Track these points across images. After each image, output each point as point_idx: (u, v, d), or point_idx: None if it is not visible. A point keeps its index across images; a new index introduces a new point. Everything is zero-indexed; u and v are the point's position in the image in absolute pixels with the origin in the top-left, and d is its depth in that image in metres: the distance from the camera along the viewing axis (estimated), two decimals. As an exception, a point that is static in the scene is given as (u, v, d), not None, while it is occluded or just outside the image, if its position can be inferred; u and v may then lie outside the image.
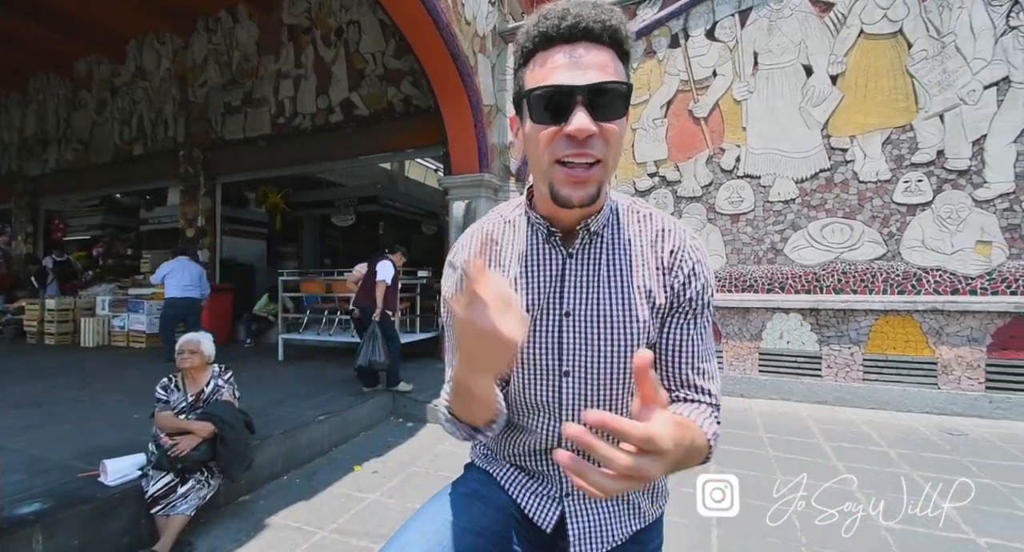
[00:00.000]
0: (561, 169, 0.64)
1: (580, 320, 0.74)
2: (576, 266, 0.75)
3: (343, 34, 6.62)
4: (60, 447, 2.69)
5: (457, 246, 0.85)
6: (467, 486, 0.83)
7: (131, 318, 7.17)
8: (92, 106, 9.13)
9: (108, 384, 4.42)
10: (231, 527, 2.33)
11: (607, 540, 0.77)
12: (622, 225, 0.78)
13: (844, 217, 4.38)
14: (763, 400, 4.47)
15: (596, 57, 0.63)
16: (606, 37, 0.63)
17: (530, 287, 0.76)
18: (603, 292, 0.74)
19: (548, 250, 0.76)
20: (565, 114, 0.62)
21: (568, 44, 0.63)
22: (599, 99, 0.62)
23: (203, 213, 7.74)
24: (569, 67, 0.62)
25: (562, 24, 0.62)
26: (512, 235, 0.80)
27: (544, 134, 0.64)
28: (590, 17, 0.62)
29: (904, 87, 4.23)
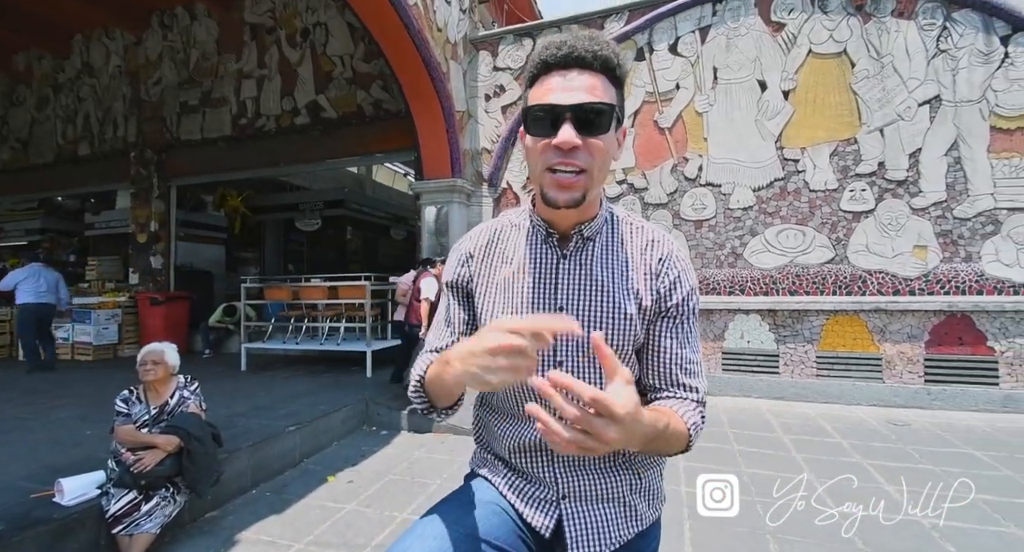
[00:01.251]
0: (550, 175, 0.73)
1: (573, 315, 0.79)
2: (570, 266, 0.82)
3: (309, 35, 6.49)
4: (7, 468, 2.50)
5: (466, 237, 0.93)
6: (467, 493, 0.85)
7: (76, 329, 6.71)
8: (32, 103, 8.54)
9: (55, 400, 4.13)
10: (199, 545, 2.23)
11: (604, 543, 0.79)
12: (615, 233, 0.85)
13: (797, 223, 4.66)
14: (727, 397, 4.67)
15: (586, 81, 0.72)
16: (597, 64, 0.72)
17: (525, 282, 0.82)
18: (594, 290, 0.80)
19: (546, 250, 0.83)
20: (556, 128, 0.70)
21: (563, 69, 0.72)
22: (585, 117, 0.70)
23: (156, 217, 7.37)
24: (561, 89, 0.71)
25: (558, 53, 0.72)
26: (516, 236, 0.87)
27: (539, 145, 0.73)
28: (583, 47, 0.71)
29: (849, 103, 4.56)
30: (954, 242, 4.23)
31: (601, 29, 5.30)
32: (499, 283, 0.85)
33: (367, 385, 4.56)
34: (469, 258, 0.89)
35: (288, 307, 6.01)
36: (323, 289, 5.54)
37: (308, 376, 5.08)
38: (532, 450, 0.83)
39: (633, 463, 0.84)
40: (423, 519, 0.79)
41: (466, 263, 0.89)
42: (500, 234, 0.89)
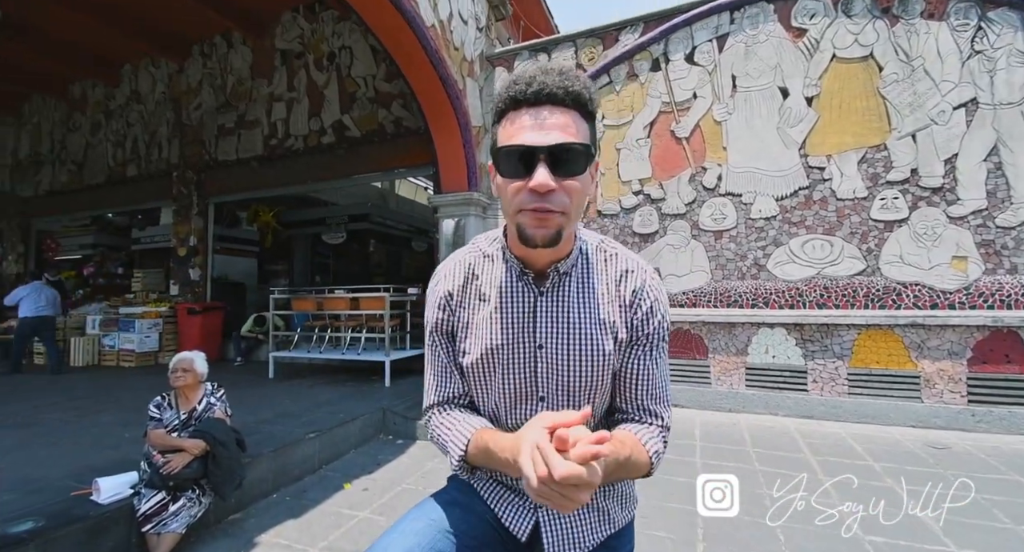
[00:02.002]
0: (527, 213, 0.71)
1: (552, 352, 0.81)
2: (547, 303, 0.82)
3: (335, 59, 6.80)
4: (52, 467, 2.68)
5: (439, 276, 0.90)
6: (448, 495, 0.90)
7: (121, 337, 7.13)
8: (86, 128, 9.22)
9: (99, 404, 4.40)
10: (222, 546, 2.33)
11: (579, 546, 0.83)
12: (590, 265, 0.85)
13: (824, 233, 4.52)
14: (750, 414, 4.53)
15: (559, 119, 0.70)
16: (568, 101, 0.71)
17: (505, 321, 0.83)
18: (572, 327, 0.81)
19: (521, 287, 0.83)
20: (529, 170, 0.69)
21: (534, 107, 0.71)
22: (560, 157, 0.69)
23: (195, 232, 7.79)
24: (534, 128, 0.70)
25: (528, 90, 0.70)
26: (490, 269, 0.86)
27: (512, 187, 0.71)
28: (554, 83, 0.70)
29: (877, 108, 4.43)
30: (997, 253, 4.00)
31: (616, 41, 5.35)
32: (478, 322, 0.85)
33: (385, 395, 4.65)
34: (448, 299, 0.88)
35: (313, 317, 6.22)
36: (345, 300, 5.72)
37: (330, 385, 5.22)
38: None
39: None
40: (404, 518, 0.83)
41: (446, 306, 0.88)
42: (475, 268, 0.88)
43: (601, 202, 5.36)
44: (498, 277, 0.85)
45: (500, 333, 0.82)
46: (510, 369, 0.82)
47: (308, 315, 6.29)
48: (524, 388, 0.82)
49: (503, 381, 0.82)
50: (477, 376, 0.85)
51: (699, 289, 4.91)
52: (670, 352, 4.92)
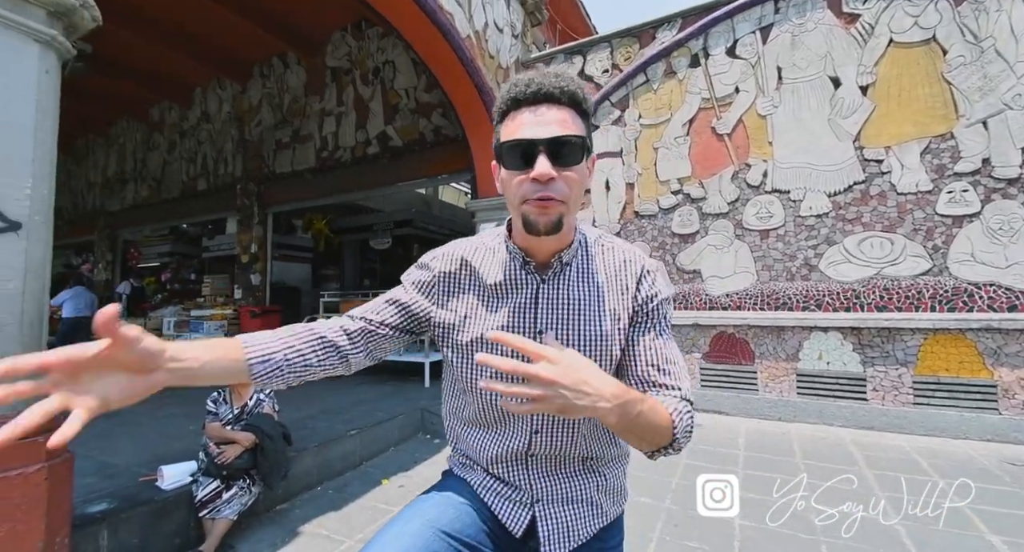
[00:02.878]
0: (530, 203, 0.76)
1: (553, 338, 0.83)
2: (549, 290, 0.85)
3: (380, 73, 7.12)
4: (126, 454, 3.00)
5: (438, 253, 0.93)
6: (443, 492, 0.92)
7: (192, 337, 7.77)
8: (164, 147, 10.18)
9: (169, 399, 4.81)
10: (269, 533, 2.51)
11: (573, 539, 0.85)
12: (590, 256, 0.89)
13: (883, 230, 4.21)
14: (803, 424, 4.28)
15: (556, 115, 0.76)
16: (565, 99, 0.77)
17: (505, 307, 0.86)
18: (573, 313, 0.84)
19: (524, 276, 0.86)
20: (531, 162, 0.75)
21: (533, 105, 0.76)
22: (558, 149, 0.75)
23: (256, 240, 8.38)
24: (534, 123, 0.75)
25: (527, 90, 0.76)
26: (491, 259, 0.90)
27: (516, 179, 0.77)
28: (550, 84, 0.76)
29: (941, 94, 4.08)
30: (1088, 248, 3.58)
31: (652, 39, 5.25)
32: (476, 308, 0.87)
33: (424, 395, 4.80)
34: (443, 277, 0.89)
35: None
36: (390, 304, 5.93)
37: (372, 384, 5.45)
38: (509, 460, 0.88)
39: (600, 465, 0.90)
40: (400, 516, 0.86)
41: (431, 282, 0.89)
42: (475, 256, 0.90)
43: (638, 203, 5.27)
44: (500, 266, 0.88)
45: (500, 319, 0.85)
46: (508, 355, 0.82)
47: (355, 318, 6.57)
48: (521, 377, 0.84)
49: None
50: (468, 360, 0.87)
51: (744, 291, 4.70)
52: (712, 356, 4.78)
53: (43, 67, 1.72)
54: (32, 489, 1.60)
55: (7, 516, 1.53)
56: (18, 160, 1.64)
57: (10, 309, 1.60)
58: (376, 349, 0.88)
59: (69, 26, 1.80)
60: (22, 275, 1.63)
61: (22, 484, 1.57)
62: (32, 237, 1.67)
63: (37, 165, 1.69)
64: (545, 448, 0.86)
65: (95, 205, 11.63)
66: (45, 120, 1.73)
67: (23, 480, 1.58)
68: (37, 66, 1.70)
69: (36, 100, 1.69)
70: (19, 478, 1.57)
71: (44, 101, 1.72)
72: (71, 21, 1.79)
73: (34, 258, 1.68)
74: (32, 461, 1.60)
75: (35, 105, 1.69)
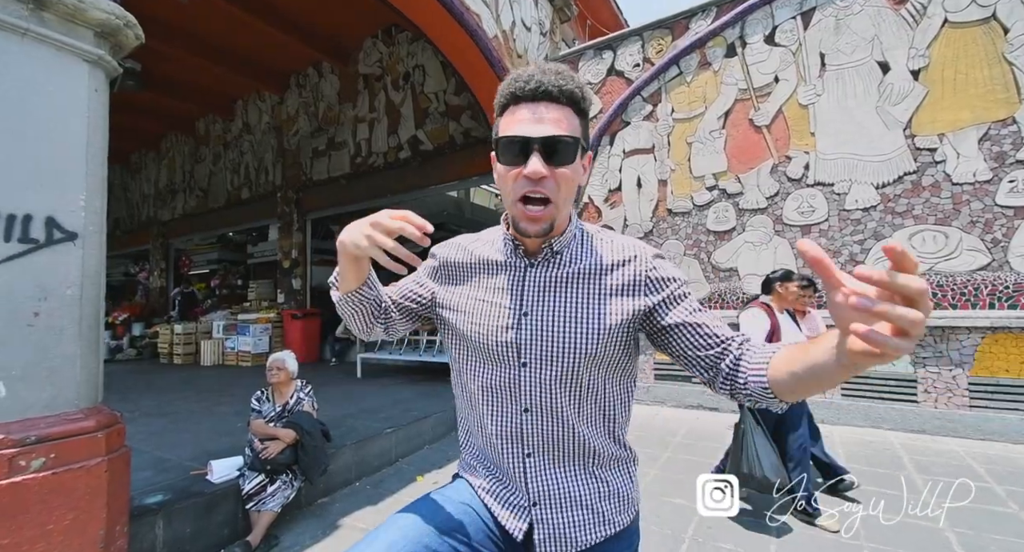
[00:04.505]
0: (521, 206, 0.79)
1: (536, 320, 0.84)
2: (536, 273, 0.87)
3: (410, 78, 7.26)
4: (179, 449, 3.18)
5: (444, 242, 1.02)
6: (445, 493, 0.94)
7: (240, 340, 8.17)
8: (209, 159, 10.74)
9: (219, 397, 5.09)
10: (310, 525, 2.61)
11: (572, 546, 0.84)
12: (588, 248, 0.89)
13: (936, 223, 3.95)
14: (848, 427, 4.07)
15: (553, 114, 0.77)
16: (563, 98, 0.78)
17: (491, 288, 0.90)
18: (558, 298, 0.85)
19: (514, 259, 0.89)
20: (525, 158, 0.76)
21: (532, 102, 0.78)
22: (552, 148, 0.76)
23: (296, 246, 8.71)
24: (530, 121, 0.77)
25: (527, 87, 0.77)
26: (488, 248, 0.94)
27: (510, 174, 0.79)
28: (550, 82, 0.77)
29: (1002, 76, 3.80)
30: None
31: (686, 30, 5.12)
32: (466, 289, 0.93)
33: (458, 395, 4.85)
34: (445, 262, 0.98)
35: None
36: (423, 305, 6.05)
37: (409, 384, 5.56)
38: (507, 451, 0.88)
39: (600, 467, 0.88)
40: (399, 514, 0.88)
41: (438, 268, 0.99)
42: (474, 244, 0.97)
43: (671, 200, 5.15)
44: (495, 252, 0.92)
45: (488, 298, 0.89)
46: (495, 333, 0.86)
47: (390, 319, 6.73)
48: (507, 353, 0.85)
49: (487, 345, 0.86)
50: (465, 339, 0.90)
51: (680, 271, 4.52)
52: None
53: (92, 85, 1.84)
54: (94, 480, 1.72)
55: (72, 506, 1.66)
56: (72, 174, 1.76)
57: (69, 314, 1.72)
58: (392, 326, 1.00)
59: (115, 45, 1.93)
60: (79, 282, 1.76)
61: (85, 476, 1.70)
62: (88, 246, 1.79)
63: (90, 179, 1.82)
64: (536, 430, 0.85)
65: (149, 215, 12.40)
66: (96, 136, 1.85)
67: (85, 472, 1.70)
68: (87, 84, 1.82)
69: (87, 117, 1.81)
70: (82, 471, 1.69)
71: (94, 118, 1.85)
72: (117, 40, 1.91)
73: (90, 266, 1.81)
74: (94, 455, 1.72)
75: (86, 122, 1.81)
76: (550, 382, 0.84)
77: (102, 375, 1.89)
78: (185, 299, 10.74)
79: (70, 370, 1.71)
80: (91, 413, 1.75)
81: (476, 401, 0.92)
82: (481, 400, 0.91)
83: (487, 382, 0.88)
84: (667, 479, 3.01)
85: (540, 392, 0.84)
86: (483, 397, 0.90)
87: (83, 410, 1.74)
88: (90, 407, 1.77)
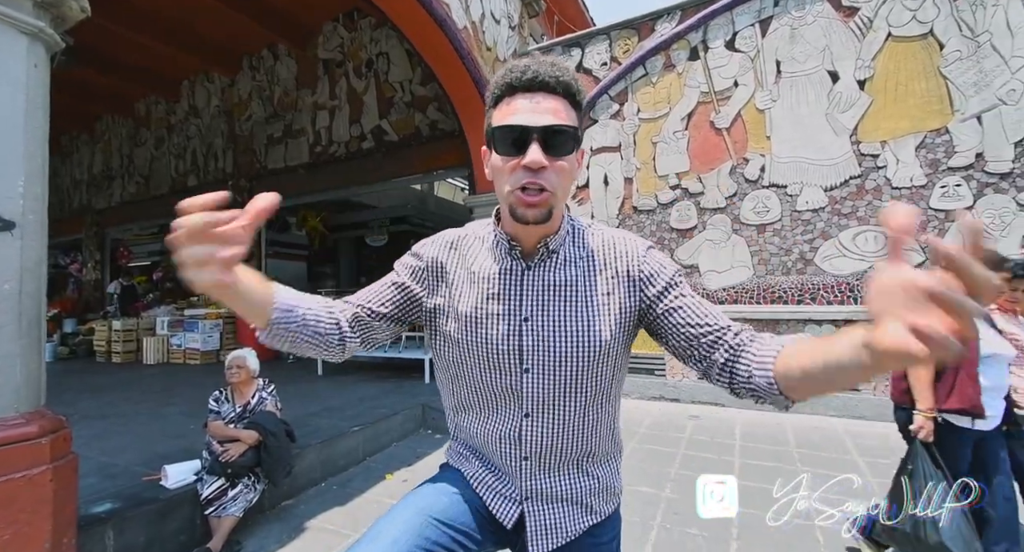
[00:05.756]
0: (519, 194, 0.76)
1: (538, 325, 0.83)
2: (534, 277, 0.84)
3: (373, 65, 7.03)
4: (126, 454, 2.96)
5: (428, 240, 0.95)
6: (439, 483, 0.93)
7: (187, 337, 7.69)
8: (151, 143, 10.00)
9: (167, 398, 4.79)
10: (275, 529, 2.50)
11: (561, 536, 0.87)
12: (581, 243, 0.88)
13: (877, 225, 4.26)
14: (796, 415, 4.34)
15: (551, 104, 0.75)
16: (560, 89, 0.76)
17: (491, 294, 0.85)
18: (558, 299, 0.83)
19: (510, 262, 0.86)
20: (523, 149, 0.74)
21: (528, 92, 0.76)
22: (551, 139, 0.74)
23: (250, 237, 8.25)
24: (528, 110, 0.75)
25: (523, 77, 0.75)
26: (479, 247, 0.90)
27: (507, 165, 0.76)
28: (546, 73, 0.75)
29: (937, 89, 4.12)
30: (1076, 241, 3.66)
31: (652, 31, 5.24)
32: (463, 294, 0.87)
33: (424, 391, 4.79)
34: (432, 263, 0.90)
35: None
36: (387, 300, 5.91)
37: (374, 381, 5.44)
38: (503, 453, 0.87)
39: (593, 465, 0.90)
40: (397, 505, 0.88)
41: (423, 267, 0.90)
42: (463, 244, 0.91)
43: (637, 198, 5.28)
44: (487, 252, 0.88)
45: (485, 306, 0.84)
46: (495, 342, 0.83)
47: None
48: (509, 360, 0.83)
49: (487, 353, 0.84)
50: (461, 347, 0.87)
51: (740, 285, 4.75)
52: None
53: (32, 60, 1.67)
54: (38, 490, 1.58)
55: (12, 519, 1.51)
56: (9, 158, 1.60)
57: (8, 309, 1.57)
58: (371, 337, 0.89)
59: (57, 17, 1.75)
60: (18, 276, 1.60)
61: (27, 486, 1.55)
62: (27, 237, 1.63)
63: (28, 162, 1.65)
64: (536, 435, 0.85)
65: (81, 202, 11.42)
66: (35, 116, 1.68)
67: (28, 482, 1.56)
68: (26, 59, 1.65)
69: (26, 95, 1.64)
70: (24, 480, 1.54)
71: (33, 96, 1.68)
72: (59, 12, 1.74)
73: (29, 258, 1.65)
74: (37, 463, 1.57)
75: (25, 100, 1.64)
76: (553, 387, 0.83)
77: (45, 376, 1.73)
78: (124, 293, 9.96)
79: (9, 371, 1.55)
80: (33, 418, 1.60)
81: (470, 405, 0.90)
82: (476, 405, 0.89)
83: (485, 389, 0.87)
84: (634, 468, 3.10)
85: (543, 398, 0.83)
86: (479, 403, 0.88)
87: (24, 414, 1.58)
88: (32, 411, 1.62)
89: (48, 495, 1.58)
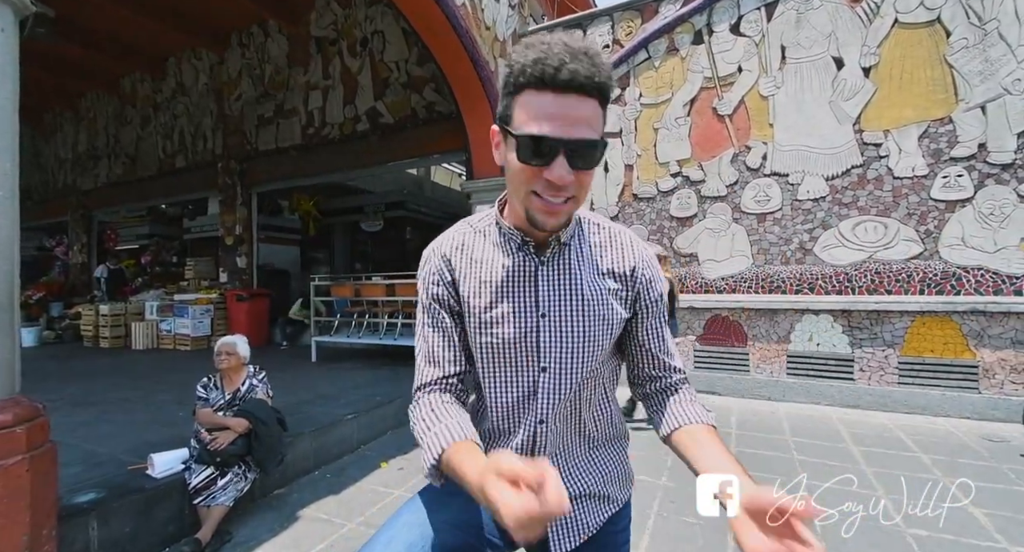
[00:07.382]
0: (538, 199, 0.71)
1: (555, 321, 0.80)
2: (549, 272, 0.81)
3: (368, 44, 6.81)
4: (112, 442, 2.89)
5: (430, 251, 0.89)
6: (449, 484, 0.87)
7: (177, 322, 7.57)
8: (137, 122, 9.69)
9: (156, 384, 4.70)
10: (267, 518, 2.46)
11: (583, 531, 0.84)
12: (585, 235, 0.85)
13: (878, 215, 4.23)
14: (792, 403, 4.36)
15: (584, 111, 0.67)
16: (595, 91, 0.67)
17: (505, 292, 0.81)
18: (576, 294, 0.81)
19: (522, 258, 0.81)
20: (547, 159, 0.67)
21: (561, 93, 0.66)
22: (578, 152, 0.68)
23: (240, 221, 8.10)
24: (559, 119, 0.66)
25: (558, 76, 0.65)
26: (483, 242, 0.85)
27: (528, 172, 0.69)
28: (584, 72, 0.65)
29: (943, 78, 4.06)
30: (1075, 234, 3.64)
31: (655, 13, 5.10)
32: (475, 295, 0.82)
33: (421, 378, 4.74)
34: (443, 273, 0.85)
35: (351, 303, 6.38)
36: (381, 286, 5.84)
37: (369, 368, 5.38)
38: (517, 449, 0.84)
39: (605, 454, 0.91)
40: (406, 508, 0.84)
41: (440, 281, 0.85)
42: (467, 243, 0.86)
43: (637, 185, 5.20)
44: (495, 250, 0.84)
45: (501, 305, 0.81)
46: (511, 341, 0.80)
47: (347, 301, 6.46)
48: (525, 359, 0.81)
49: (503, 353, 0.81)
50: (476, 349, 0.84)
51: (739, 275, 4.71)
52: (706, 339, 4.82)
53: None
54: (13, 481, 1.51)
55: (-11, 510, 1.45)
56: (-21, 130, 1.49)
57: (-21, 291, 1.48)
58: (471, 375, 0.88)
59: (27, -22, 1.63)
60: (-9, 255, 1.51)
61: (2, 477, 1.48)
62: (-1, 214, 1.54)
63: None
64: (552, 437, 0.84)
65: (66, 183, 11.11)
66: (4, 85, 1.57)
67: (2, 472, 1.49)
68: (-6, 24, 1.53)
69: (-5, 62, 1.53)
70: (-1, 470, 1.47)
71: (1, 63, 1.56)
72: (30, -28, 1.62)
73: (0, 237, 1.55)
74: (13, 453, 1.50)
75: (-6, 68, 1.53)
76: (568, 382, 0.81)
77: (19, 361, 1.65)
78: (112, 277, 9.77)
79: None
80: (7, 405, 1.52)
81: (479, 407, 0.89)
82: (488, 407, 0.86)
83: (501, 388, 0.84)
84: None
85: (559, 398, 0.81)
86: (492, 407, 0.85)
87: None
88: (6, 399, 1.54)
89: (25, 485, 1.52)
